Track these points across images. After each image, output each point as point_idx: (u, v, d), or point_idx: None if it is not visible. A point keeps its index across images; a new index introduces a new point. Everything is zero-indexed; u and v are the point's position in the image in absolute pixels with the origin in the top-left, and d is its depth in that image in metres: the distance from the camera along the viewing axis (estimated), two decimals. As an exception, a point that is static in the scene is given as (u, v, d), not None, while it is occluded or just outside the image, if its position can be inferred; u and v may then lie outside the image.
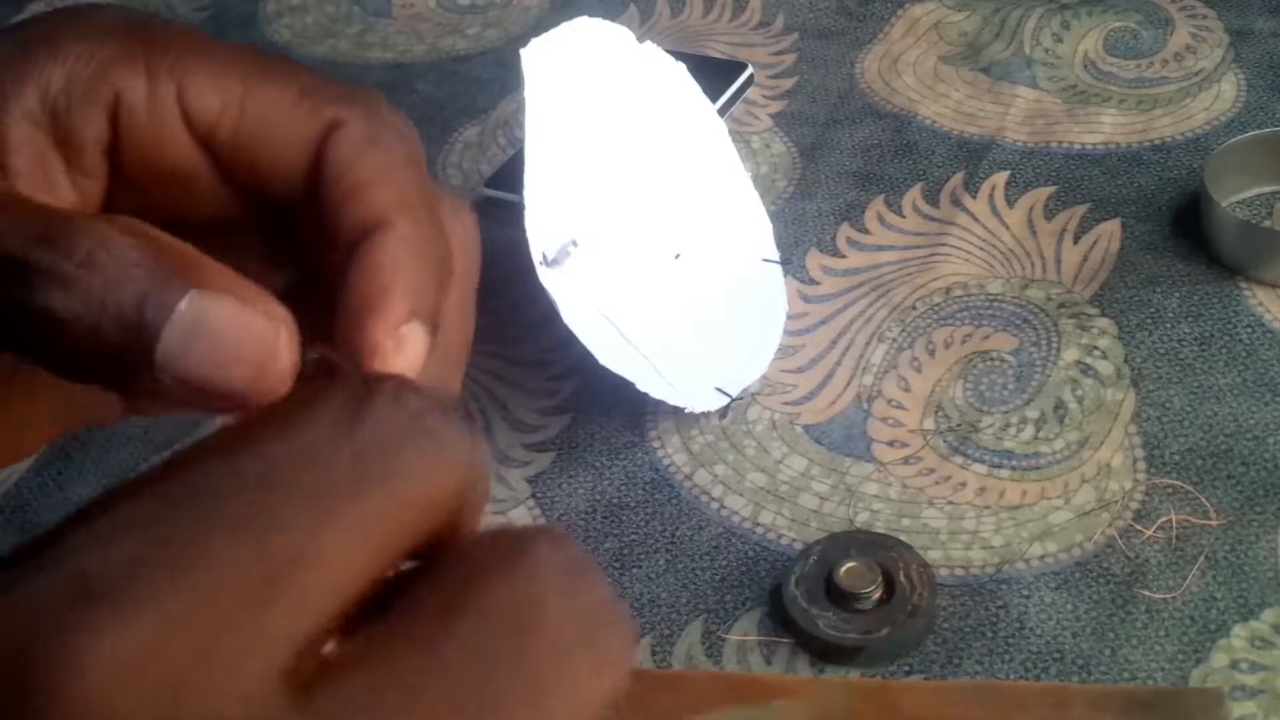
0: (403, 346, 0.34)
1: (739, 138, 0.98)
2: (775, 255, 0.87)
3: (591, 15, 0.81)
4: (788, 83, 1.07)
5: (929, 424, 0.76)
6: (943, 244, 0.88)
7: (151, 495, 0.27)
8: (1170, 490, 0.70)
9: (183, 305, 0.30)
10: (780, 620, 0.66)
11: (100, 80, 0.36)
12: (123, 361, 0.31)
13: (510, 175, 0.94)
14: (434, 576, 0.28)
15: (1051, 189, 0.91)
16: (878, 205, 0.92)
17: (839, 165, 0.97)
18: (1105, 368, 0.78)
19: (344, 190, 0.36)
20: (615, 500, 0.75)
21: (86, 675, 0.24)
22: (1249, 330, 0.79)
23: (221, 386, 0.31)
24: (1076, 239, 0.87)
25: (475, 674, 0.27)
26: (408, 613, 0.27)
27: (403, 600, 0.28)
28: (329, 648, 0.27)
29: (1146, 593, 0.65)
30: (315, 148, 0.36)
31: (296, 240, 0.38)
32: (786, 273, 0.86)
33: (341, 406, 0.28)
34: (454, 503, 0.29)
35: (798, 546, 0.70)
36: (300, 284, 0.37)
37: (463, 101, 1.11)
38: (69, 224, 0.31)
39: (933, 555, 0.68)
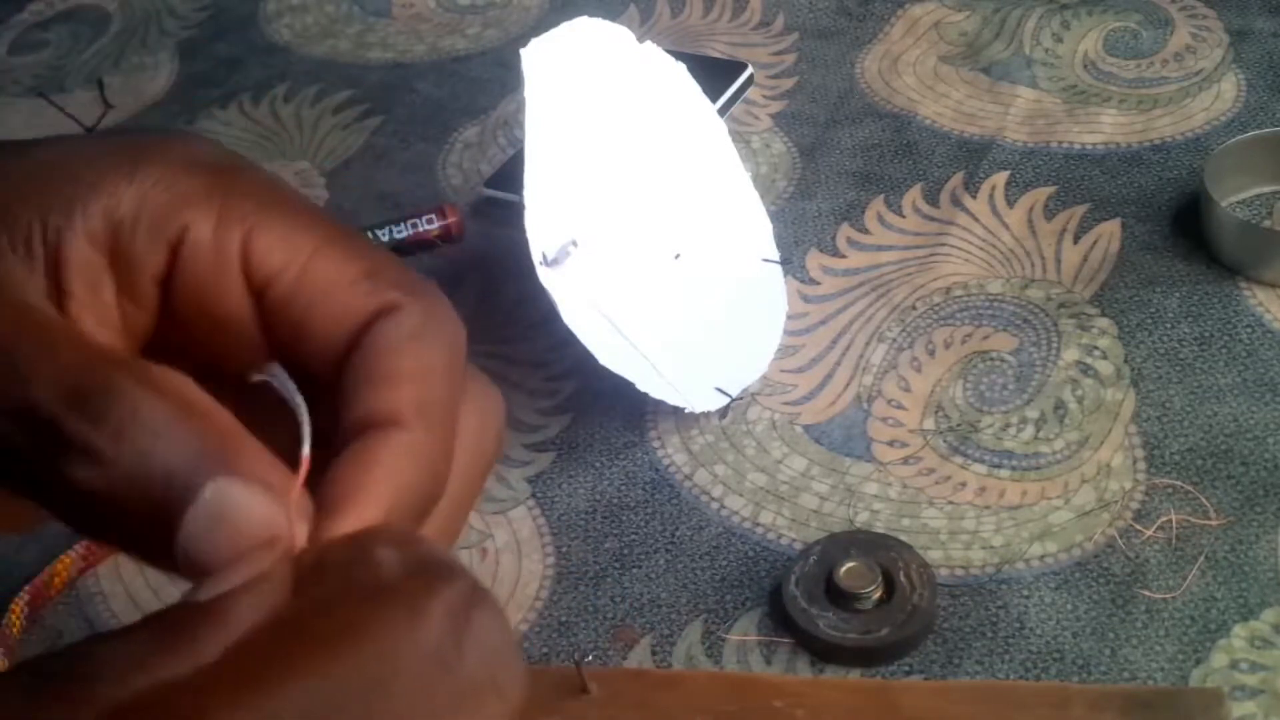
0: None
1: (739, 138, 0.98)
2: (775, 255, 0.87)
3: (591, 15, 0.81)
4: (788, 83, 1.07)
5: (929, 424, 0.76)
6: (943, 244, 0.88)
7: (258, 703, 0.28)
8: (1170, 490, 0.70)
9: (208, 493, 0.30)
10: (780, 620, 0.66)
11: (170, 213, 0.36)
12: (143, 535, 0.31)
13: (510, 175, 0.94)
14: None
15: (1051, 189, 0.91)
16: (878, 205, 0.92)
17: (839, 165, 0.97)
18: (1105, 368, 0.78)
19: (376, 374, 0.35)
20: (615, 500, 0.75)
21: None
22: (1249, 330, 0.79)
23: (236, 569, 0.31)
24: (1076, 239, 0.87)
25: None
26: None
27: None
28: None
29: (1146, 593, 0.65)
30: (365, 325, 0.36)
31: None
32: (786, 273, 0.86)
33: (441, 636, 0.29)
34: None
35: (798, 546, 0.70)
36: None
37: (463, 101, 1.11)
38: (105, 383, 0.31)
39: (933, 555, 0.68)
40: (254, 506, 0.31)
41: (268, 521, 0.31)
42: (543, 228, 0.74)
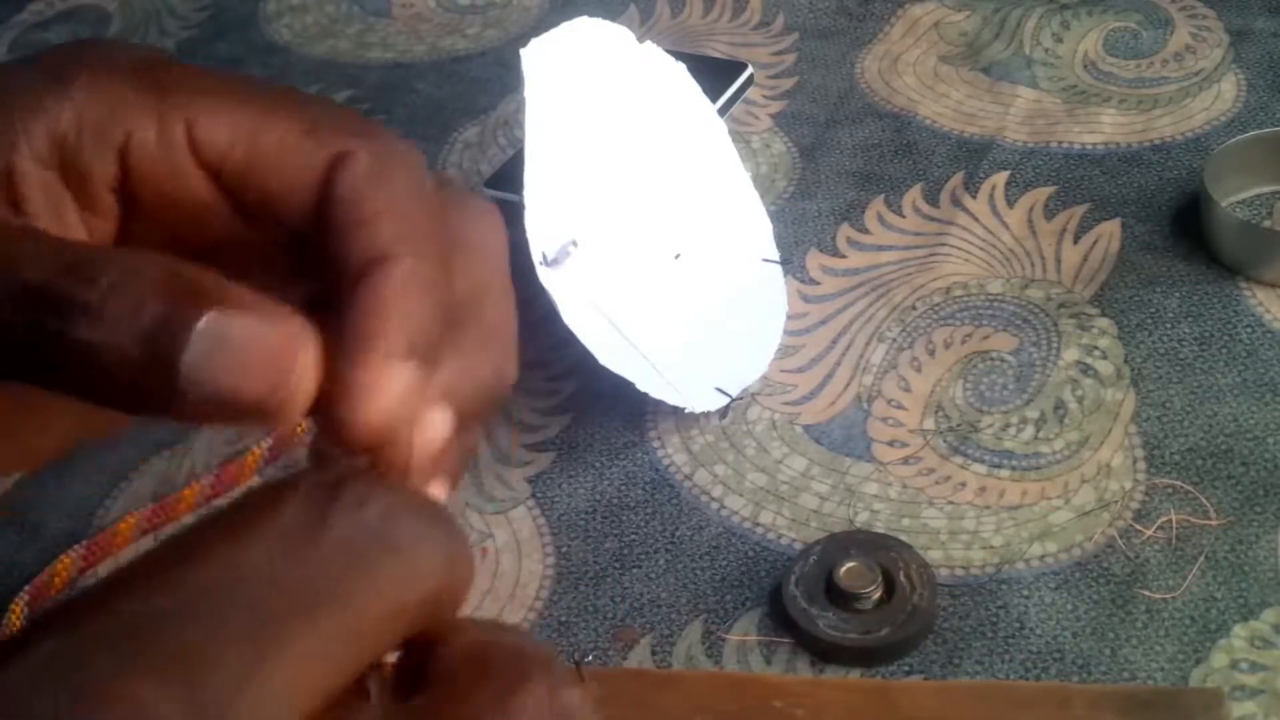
0: (392, 382, 0.34)
1: (739, 137, 0.98)
2: (775, 255, 0.87)
3: (591, 15, 0.81)
4: (788, 83, 1.07)
5: (929, 424, 0.76)
6: (943, 244, 0.88)
7: (67, 632, 0.26)
8: (1170, 490, 0.70)
9: (202, 323, 0.30)
10: (780, 620, 0.66)
11: (110, 121, 0.36)
12: (149, 384, 0.31)
13: (510, 175, 0.94)
14: (424, 706, 0.29)
15: (1051, 189, 0.91)
16: (878, 205, 0.92)
17: (839, 165, 0.97)
18: (1105, 368, 0.78)
19: (349, 222, 0.36)
20: (615, 500, 0.75)
21: None
22: (1249, 330, 0.79)
23: (247, 397, 0.31)
24: (1076, 239, 0.87)
25: None
26: None
27: None
28: None
29: (1146, 593, 0.65)
30: (323, 179, 0.36)
31: (310, 268, 0.37)
32: (786, 273, 0.86)
33: (295, 517, 0.28)
34: (427, 606, 0.29)
35: (798, 546, 0.70)
36: (321, 303, 0.36)
37: (463, 101, 1.11)
38: (91, 255, 0.32)
39: (933, 555, 0.68)
40: (252, 326, 0.31)
41: (268, 338, 0.31)
42: (542, 227, 0.74)
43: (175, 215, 0.37)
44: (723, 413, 0.78)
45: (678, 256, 0.84)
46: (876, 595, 0.65)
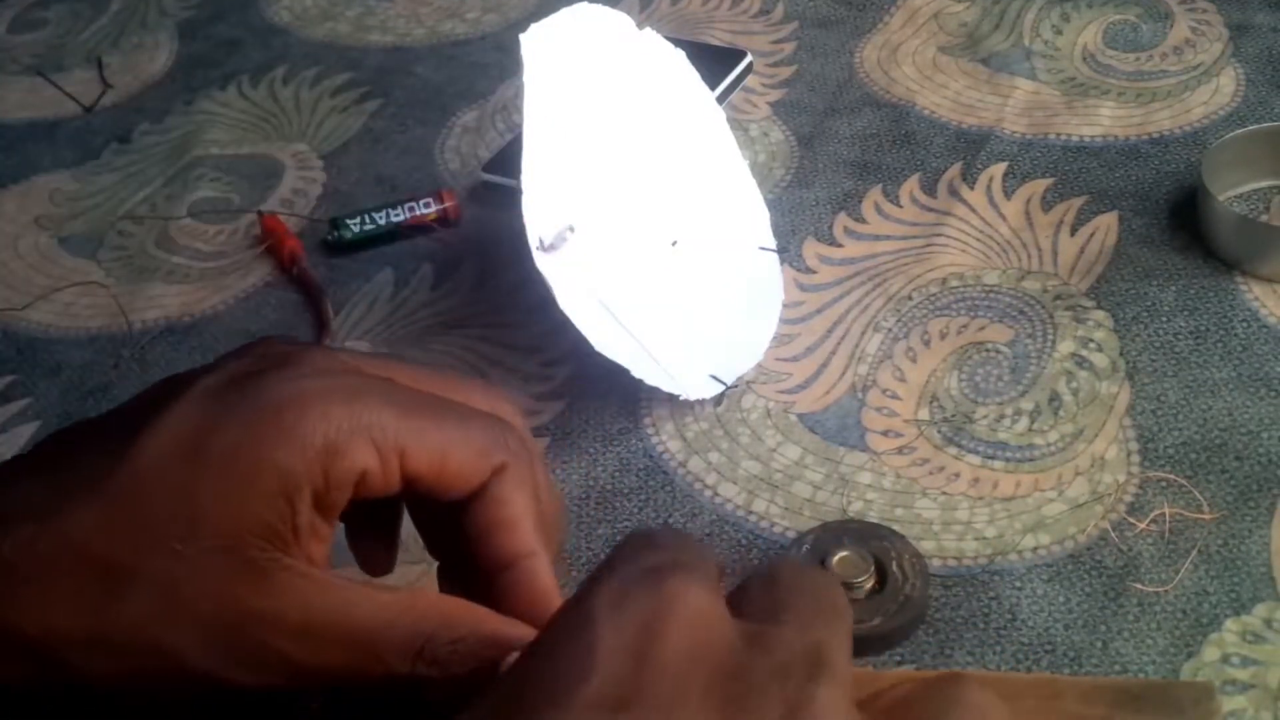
0: None
1: (737, 125, 0.98)
2: (772, 244, 0.87)
3: (591, 1, 0.81)
4: (786, 71, 1.07)
5: (923, 414, 0.76)
6: (939, 234, 0.88)
7: None
8: (1164, 484, 0.70)
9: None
10: (772, 609, 0.66)
11: (350, 468, 0.49)
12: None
13: (508, 160, 0.94)
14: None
15: (1049, 181, 0.91)
16: (875, 195, 0.92)
17: (837, 154, 0.97)
18: (1100, 360, 0.78)
19: (502, 519, 0.52)
20: (609, 487, 0.75)
21: None
22: (1245, 325, 0.79)
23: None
24: (1073, 231, 0.87)
25: None
26: None
27: None
28: None
29: (1139, 586, 0.65)
30: (482, 485, 0.52)
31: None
32: (783, 261, 0.86)
33: None
34: None
35: (791, 535, 0.70)
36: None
37: (461, 86, 1.11)
38: (438, 640, 0.49)
39: (925, 546, 0.68)
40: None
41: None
42: (540, 213, 0.74)
43: (363, 502, 0.52)
44: (717, 400, 0.78)
45: (674, 244, 0.84)
46: (869, 585, 0.65)
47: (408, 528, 0.58)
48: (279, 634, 0.48)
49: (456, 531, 0.53)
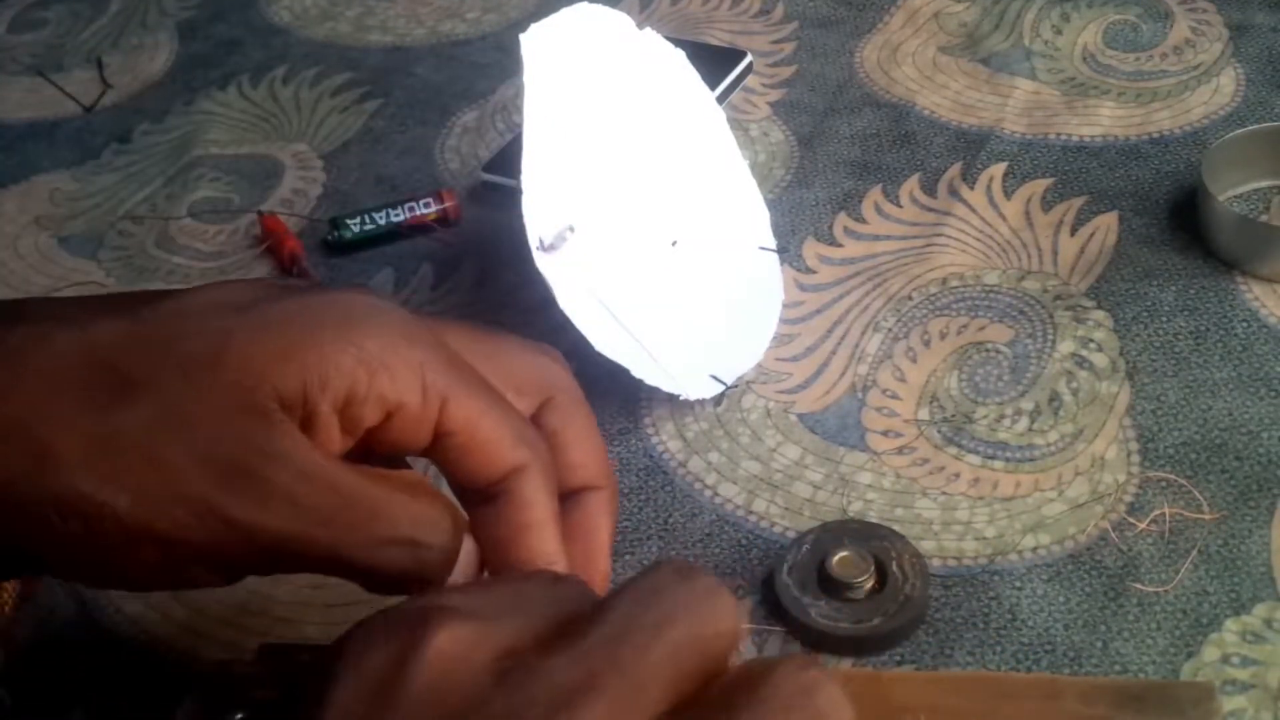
0: (607, 561, 0.58)
1: (737, 125, 0.98)
2: (772, 244, 0.87)
3: (591, 1, 0.81)
4: (787, 71, 1.07)
5: (923, 414, 0.76)
6: (939, 234, 0.88)
7: None
8: (1164, 484, 0.70)
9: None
10: (772, 609, 0.66)
11: (389, 392, 0.50)
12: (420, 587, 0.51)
13: (508, 160, 0.94)
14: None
15: (1049, 181, 0.91)
16: (875, 195, 0.92)
17: (837, 154, 0.97)
18: (1100, 360, 0.78)
19: (525, 524, 0.53)
20: (609, 486, 0.75)
21: None
22: (1245, 325, 0.79)
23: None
24: (1073, 231, 0.87)
25: None
26: None
27: None
28: None
29: (1139, 586, 0.65)
30: (505, 475, 0.53)
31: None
32: (783, 261, 0.86)
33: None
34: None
35: (791, 535, 0.70)
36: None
37: (461, 86, 1.11)
38: (437, 517, 0.51)
39: (925, 545, 0.68)
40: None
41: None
42: (540, 213, 0.74)
43: (393, 448, 0.52)
44: (717, 400, 0.78)
45: (674, 244, 0.84)
46: (869, 585, 0.65)
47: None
48: (281, 470, 0.48)
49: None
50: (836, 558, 0.65)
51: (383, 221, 0.93)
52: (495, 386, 0.54)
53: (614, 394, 0.79)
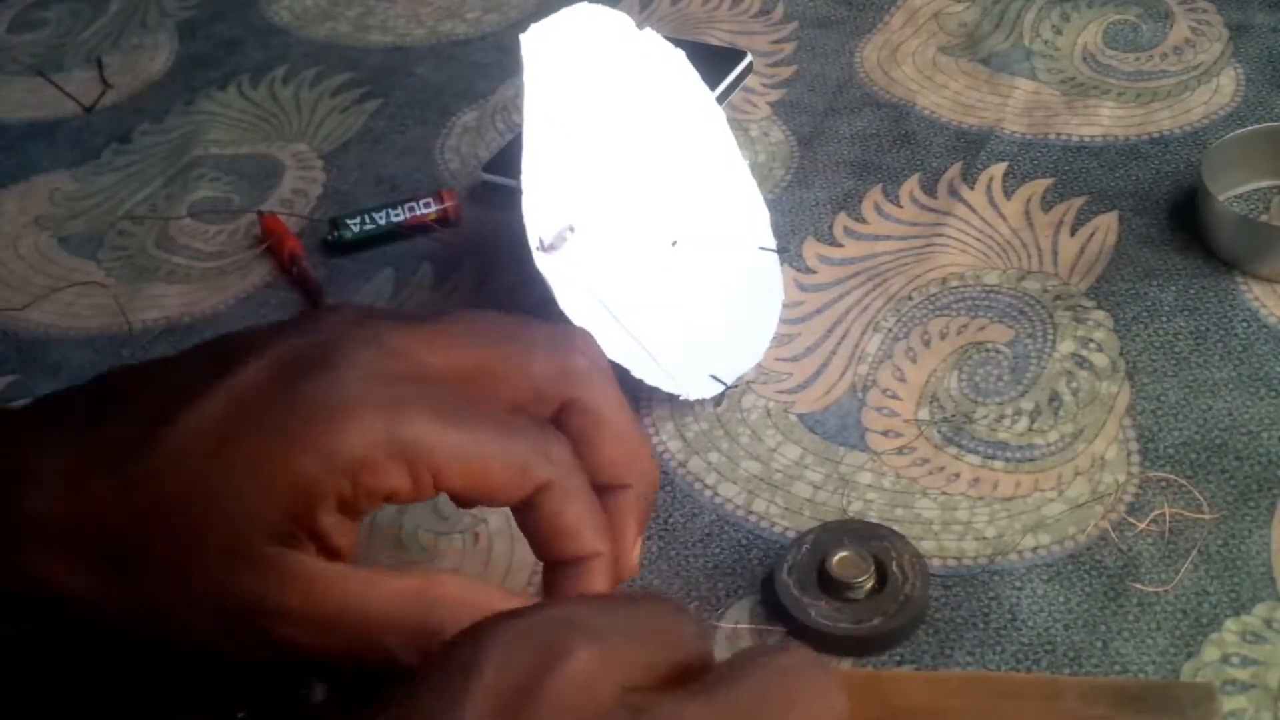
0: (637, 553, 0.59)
1: (737, 125, 0.98)
2: (772, 243, 0.87)
3: (591, 1, 0.81)
4: (787, 71, 1.06)
5: (923, 414, 0.76)
6: (940, 234, 0.88)
7: None
8: (1164, 484, 0.70)
9: None
10: (772, 609, 0.66)
11: (380, 483, 0.50)
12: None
13: (508, 160, 0.94)
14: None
15: (1049, 181, 0.91)
16: (875, 195, 0.92)
17: (837, 154, 0.97)
18: (1100, 360, 0.78)
19: (554, 531, 0.55)
20: (609, 487, 0.74)
21: None
22: (1245, 325, 0.79)
23: None
24: (1073, 231, 0.87)
25: None
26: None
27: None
28: None
29: (1139, 586, 0.65)
30: (528, 499, 0.54)
31: None
32: (783, 261, 0.86)
33: None
34: None
35: (790, 535, 0.70)
36: None
37: (461, 86, 1.11)
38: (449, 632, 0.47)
39: (925, 546, 0.68)
40: None
41: None
42: (540, 213, 0.74)
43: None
44: (717, 400, 0.78)
45: (674, 244, 0.84)
46: (869, 585, 0.65)
47: (409, 524, 0.58)
48: (284, 623, 0.50)
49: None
50: (836, 558, 0.65)
51: (383, 221, 0.93)
52: (512, 397, 0.55)
53: (614, 394, 0.79)
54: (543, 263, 0.73)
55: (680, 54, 0.86)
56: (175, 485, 0.50)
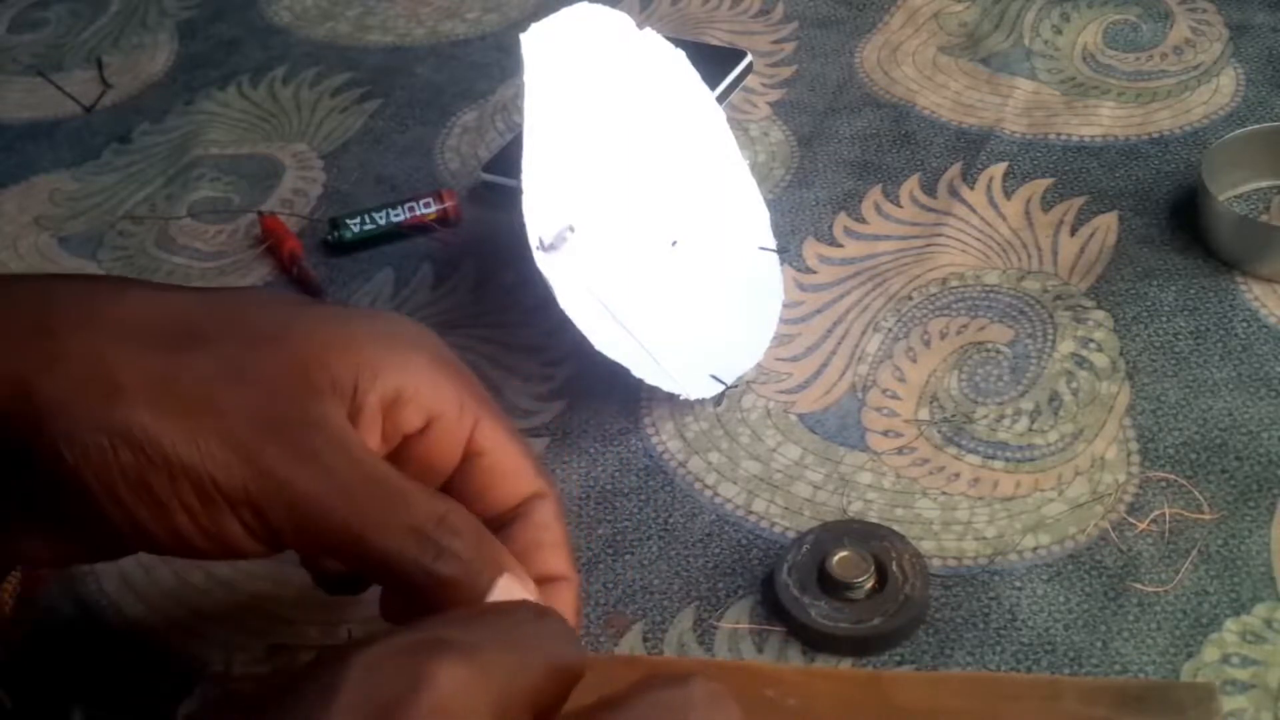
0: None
1: (737, 125, 0.98)
2: (772, 243, 0.87)
3: (591, 1, 0.81)
4: (787, 71, 1.07)
5: (924, 414, 0.76)
6: (940, 234, 0.88)
7: None
8: (1164, 484, 0.70)
9: (499, 586, 0.51)
10: (772, 609, 0.67)
11: (431, 400, 0.53)
12: (451, 598, 0.51)
13: (508, 160, 0.94)
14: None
15: (1049, 181, 0.91)
16: (875, 195, 0.92)
17: (837, 154, 0.97)
18: (1100, 360, 0.78)
19: (540, 543, 0.56)
20: (609, 486, 0.75)
21: None
22: (1244, 325, 0.79)
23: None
24: (1074, 231, 0.87)
25: None
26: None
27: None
28: None
29: (1139, 586, 0.65)
30: (523, 501, 0.56)
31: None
32: (783, 261, 0.86)
33: None
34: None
35: (791, 535, 0.70)
36: None
37: (461, 86, 1.11)
38: (454, 517, 0.51)
39: (925, 546, 0.68)
40: (516, 592, 0.51)
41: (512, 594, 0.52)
42: (540, 213, 0.74)
43: (421, 468, 0.55)
44: (718, 400, 0.78)
45: (675, 244, 0.84)
46: (869, 585, 0.65)
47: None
48: (319, 436, 0.50)
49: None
50: (836, 558, 0.66)
51: (383, 221, 0.93)
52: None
53: (614, 394, 0.79)
54: (543, 262, 0.73)
55: (680, 54, 0.86)
56: (261, 311, 0.53)
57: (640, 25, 0.84)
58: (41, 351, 0.49)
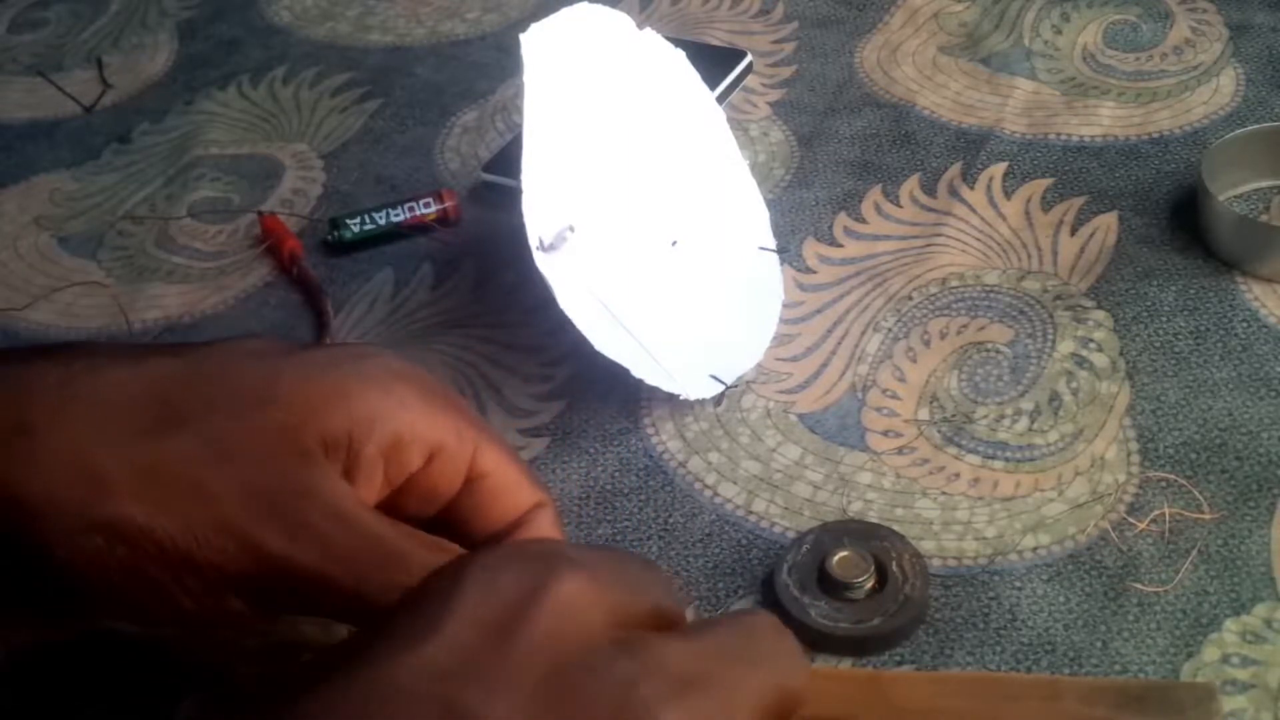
0: None
1: (737, 125, 0.98)
2: (772, 243, 0.87)
3: (591, 1, 0.81)
4: (787, 71, 1.06)
5: (923, 414, 0.76)
6: (939, 234, 0.88)
7: None
8: (1164, 484, 0.70)
9: None
10: (772, 609, 0.66)
11: (431, 435, 0.53)
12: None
13: (508, 160, 0.94)
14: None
15: (1049, 181, 0.91)
16: (875, 195, 0.92)
17: (837, 154, 0.97)
18: (1100, 360, 0.78)
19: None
20: (609, 486, 0.75)
21: None
22: (1244, 325, 0.79)
23: None
24: (1073, 231, 0.87)
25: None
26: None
27: None
28: None
29: (1139, 586, 0.65)
30: (524, 514, 0.57)
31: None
32: (783, 261, 0.86)
33: None
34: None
35: (790, 535, 0.70)
36: None
37: (461, 86, 1.10)
38: (410, 555, 0.50)
39: (925, 546, 0.68)
40: None
41: None
42: (540, 213, 0.74)
43: (423, 498, 0.55)
44: (717, 400, 0.78)
45: (674, 244, 0.84)
46: (869, 585, 0.65)
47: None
48: (313, 509, 0.49)
49: None
50: (836, 558, 0.65)
51: (383, 221, 0.93)
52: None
53: (614, 394, 0.79)
54: (543, 262, 0.73)
55: (680, 54, 0.86)
56: (244, 370, 0.52)
57: (640, 25, 0.84)
58: (21, 450, 0.48)
